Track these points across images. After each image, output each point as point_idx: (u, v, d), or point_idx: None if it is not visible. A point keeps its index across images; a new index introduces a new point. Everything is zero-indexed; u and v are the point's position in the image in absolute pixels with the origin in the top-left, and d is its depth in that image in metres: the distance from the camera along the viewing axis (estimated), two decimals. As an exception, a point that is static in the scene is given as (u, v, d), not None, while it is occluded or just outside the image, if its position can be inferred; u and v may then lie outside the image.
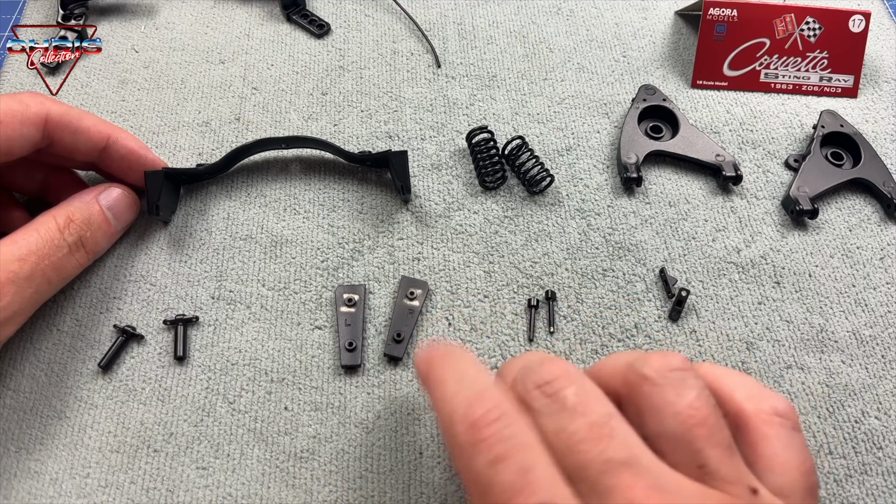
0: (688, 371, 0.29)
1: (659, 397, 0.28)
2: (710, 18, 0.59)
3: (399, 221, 0.51)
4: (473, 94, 0.58)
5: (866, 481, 0.42)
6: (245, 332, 0.46)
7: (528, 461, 0.26)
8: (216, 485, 0.41)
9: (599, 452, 0.26)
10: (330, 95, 0.58)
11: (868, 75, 0.61)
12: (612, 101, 0.58)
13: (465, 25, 0.63)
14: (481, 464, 0.26)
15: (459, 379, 0.30)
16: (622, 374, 0.30)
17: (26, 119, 0.41)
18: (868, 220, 0.52)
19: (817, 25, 0.59)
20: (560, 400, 0.28)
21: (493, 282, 0.49)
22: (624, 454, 0.26)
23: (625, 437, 0.27)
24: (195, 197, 0.52)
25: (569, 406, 0.28)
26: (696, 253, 0.50)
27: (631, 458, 0.26)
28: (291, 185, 0.53)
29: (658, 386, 0.28)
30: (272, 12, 0.64)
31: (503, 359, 0.45)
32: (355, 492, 0.41)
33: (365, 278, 0.48)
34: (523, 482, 0.25)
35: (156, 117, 0.56)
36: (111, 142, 0.46)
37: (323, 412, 0.43)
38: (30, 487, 0.41)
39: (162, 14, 0.63)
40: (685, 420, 0.27)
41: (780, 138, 0.57)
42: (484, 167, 0.53)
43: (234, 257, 0.49)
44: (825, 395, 0.45)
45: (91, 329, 0.46)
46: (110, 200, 0.46)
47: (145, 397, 0.44)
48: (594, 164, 0.55)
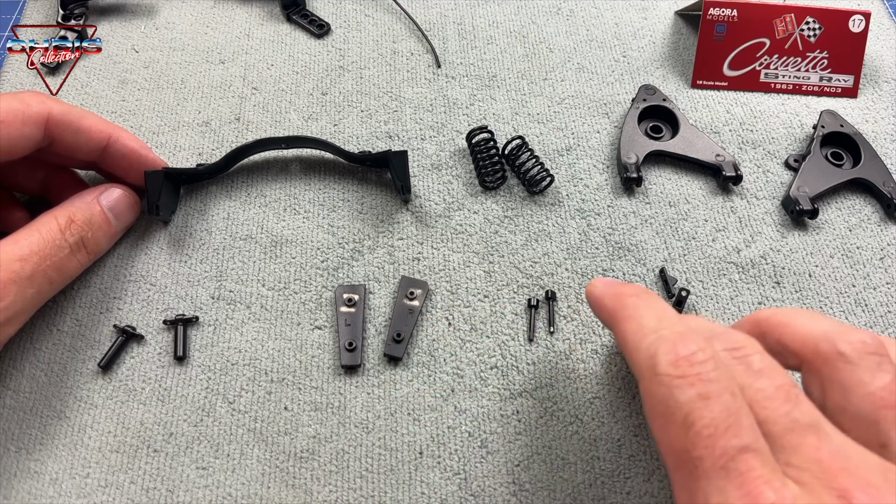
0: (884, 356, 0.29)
1: (851, 375, 0.28)
2: (710, 18, 0.59)
3: (399, 221, 0.51)
4: (473, 94, 0.58)
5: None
6: (245, 332, 0.46)
7: (734, 405, 0.26)
8: (216, 485, 0.41)
9: (786, 412, 0.26)
10: (330, 95, 0.58)
11: (868, 75, 0.61)
12: (612, 101, 0.58)
13: (465, 25, 0.63)
14: (687, 397, 0.26)
15: (660, 316, 0.31)
16: (813, 343, 0.30)
17: (28, 118, 0.41)
18: (868, 220, 0.52)
19: (817, 25, 0.59)
20: (747, 363, 0.29)
21: (493, 282, 0.49)
22: (810, 418, 0.26)
23: (809, 404, 0.27)
24: (195, 197, 0.52)
25: (755, 369, 0.28)
26: (696, 253, 0.50)
27: (816, 422, 0.26)
28: (291, 185, 0.53)
29: (853, 364, 0.29)
30: (272, 12, 0.64)
31: (503, 359, 0.45)
32: (355, 492, 0.41)
33: (365, 278, 0.48)
34: (730, 423, 0.25)
35: (156, 117, 0.56)
36: (112, 141, 0.46)
37: (323, 412, 0.43)
38: (30, 487, 0.41)
39: (162, 14, 0.63)
40: (875, 401, 0.27)
41: (780, 138, 0.57)
42: (484, 167, 0.53)
43: (234, 257, 0.49)
44: (825, 395, 0.45)
45: (91, 329, 0.46)
46: (111, 201, 0.46)
47: (145, 397, 0.44)
48: (594, 164, 0.55)
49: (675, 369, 0.27)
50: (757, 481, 0.24)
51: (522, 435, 0.43)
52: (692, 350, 0.28)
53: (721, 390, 0.26)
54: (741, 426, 0.25)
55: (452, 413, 0.44)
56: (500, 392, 0.44)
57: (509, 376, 0.45)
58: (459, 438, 0.43)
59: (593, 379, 0.45)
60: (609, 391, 0.44)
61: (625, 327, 0.32)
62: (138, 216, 0.50)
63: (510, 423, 0.43)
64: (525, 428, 0.43)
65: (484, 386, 0.45)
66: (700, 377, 0.27)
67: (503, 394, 0.44)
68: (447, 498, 0.41)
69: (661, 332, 0.29)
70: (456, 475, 0.42)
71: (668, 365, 0.28)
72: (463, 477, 0.41)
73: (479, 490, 0.41)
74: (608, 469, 0.42)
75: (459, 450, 0.42)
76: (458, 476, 0.41)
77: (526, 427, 0.43)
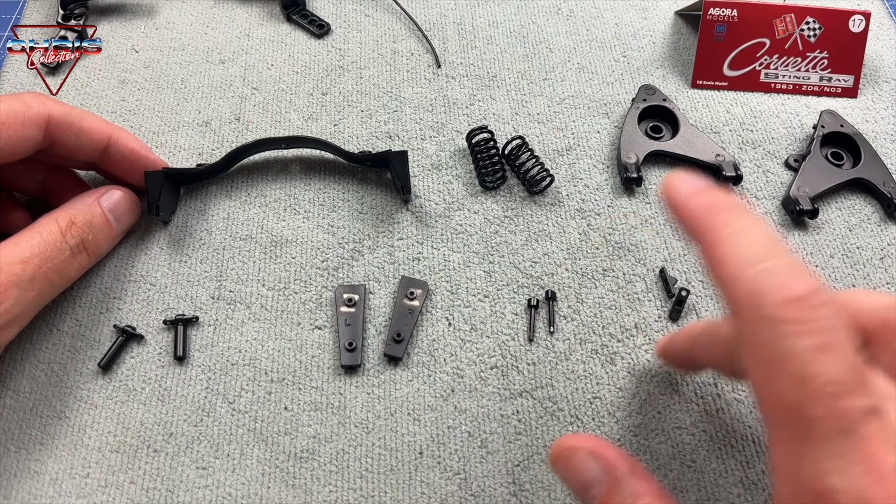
0: None
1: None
2: (710, 18, 0.59)
3: (399, 221, 0.51)
4: (473, 94, 0.58)
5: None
6: (245, 332, 0.46)
7: (856, 361, 0.23)
8: (216, 485, 0.41)
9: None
10: (330, 95, 0.58)
11: (868, 75, 0.61)
12: (612, 101, 0.58)
13: (465, 25, 0.63)
14: (804, 347, 0.23)
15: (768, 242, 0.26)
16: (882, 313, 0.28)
17: (28, 120, 0.41)
18: (868, 220, 0.52)
19: (817, 25, 0.59)
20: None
21: (493, 282, 0.49)
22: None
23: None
24: (195, 197, 0.52)
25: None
26: (697, 253, 0.50)
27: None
28: (291, 185, 0.53)
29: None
30: (272, 12, 0.64)
31: (503, 359, 0.45)
32: (355, 492, 0.41)
33: (365, 278, 0.48)
34: (856, 381, 0.23)
35: (156, 117, 0.56)
36: (112, 142, 0.46)
37: (323, 412, 0.43)
38: (30, 487, 0.41)
39: (162, 14, 0.63)
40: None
41: (780, 138, 0.57)
42: (484, 167, 0.53)
43: (234, 257, 0.49)
44: (825, 395, 0.45)
45: (91, 329, 0.46)
46: (112, 203, 0.46)
47: (145, 397, 0.44)
48: (594, 164, 0.55)
49: (788, 311, 0.23)
50: (881, 447, 0.22)
51: (522, 435, 0.43)
52: (808, 289, 0.24)
53: (843, 342, 0.23)
54: (866, 385, 0.23)
55: (452, 413, 0.44)
56: (500, 392, 0.44)
57: (509, 376, 0.45)
58: (459, 438, 0.43)
59: (593, 379, 0.45)
60: (609, 391, 0.44)
61: (721, 250, 0.27)
62: (139, 218, 0.50)
63: (510, 423, 0.43)
64: (525, 428, 0.43)
65: (484, 386, 0.45)
66: (819, 324, 0.23)
67: (503, 394, 0.44)
68: (447, 498, 0.41)
69: (768, 261, 0.25)
70: (456, 475, 0.42)
71: (779, 305, 0.24)
72: (463, 477, 0.41)
73: (479, 490, 0.41)
74: (608, 469, 0.42)
75: (459, 450, 0.42)
76: (458, 476, 0.42)
77: (526, 427, 0.43)
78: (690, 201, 0.29)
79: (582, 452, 0.32)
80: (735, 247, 0.26)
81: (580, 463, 0.32)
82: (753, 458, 0.42)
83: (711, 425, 0.43)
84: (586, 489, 0.31)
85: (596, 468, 0.31)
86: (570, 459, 0.32)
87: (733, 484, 0.41)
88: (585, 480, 0.31)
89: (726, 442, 0.43)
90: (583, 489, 0.31)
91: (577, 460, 0.32)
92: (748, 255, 0.26)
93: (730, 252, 0.26)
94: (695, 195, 0.29)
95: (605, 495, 0.30)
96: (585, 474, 0.31)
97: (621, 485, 0.30)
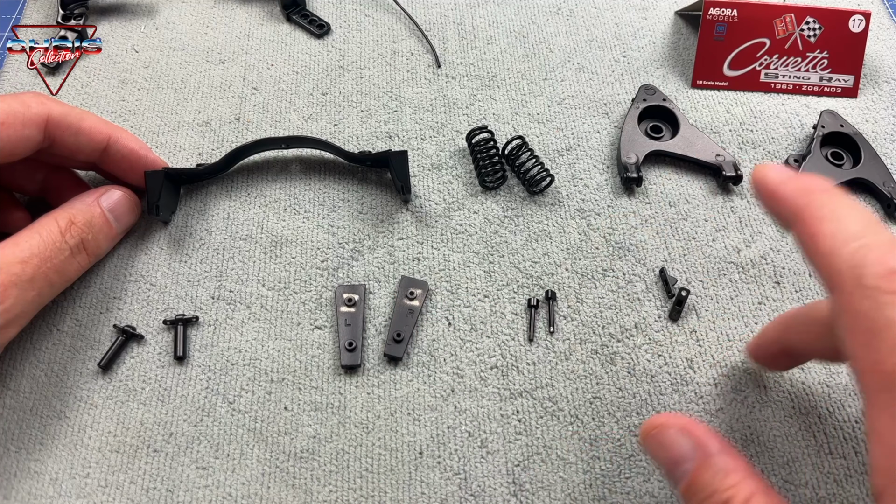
0: None
1: None
2: (710, 18, 0.59)
3: (399, 221, 0.51)
4: (473, 94, 0.58)
5: (866, 481, 0.42)
6: (245, 332, 0.46)
7: None
8: (216, 485, 0.41)
9: None
10: (330, 95, 0.58)
11: (868, 75, 0.61)
12: (612, 101, 0.58)
13: (465, 25, 0.63)
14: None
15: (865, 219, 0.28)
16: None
17: (28, 120, 0.41)
18: (868, 220, 0.52)
19: (817, 25, 0.59)
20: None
21: (493, 282, 0.49)
22: None
23: None
24: (195, 197, 0.52)
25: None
26: (696, 253, 0.50)
27: None
28: (291, 185, 0.53)
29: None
30: (272, 12, 0.64)
31: (503, 359, 0.45)
32: (355, 492, 0.41)
33: (365, 278, 0.48)
34: None
35: (156, 117, 0.56)
36: (112, 142, 0.46)
37: (323, 412, 0.43)
38: (30, 487, 0.41)
39: (162, 14, 0.63)
40: None
41: (780, 138, 0.57)
42: (484, 167, 0.53)
43: (234, 257, 0.49)
44: (825, 395, 0.45)
45: (91, 329, 0.46)
46: (112, 203, 0.46)
47: (145, 397, 0.44)
48: (594, 164, 0.55)
49: (888, 283, 0.25)
50: None
51: (522, 435, 0.43)
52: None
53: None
54: None
55: (452, 413, 0.44)
56: (500, 392, 0.44)
57: (509, 376, 0.45)
58: (459, 438, 0.43)
59: (593, 379, 0.45)
60: (609, 391, 0.44)
61: (818, 228, 0.28)
62: (139, 218, 0.50)
63: (510, 423, 0.43)
64: (525, 428, 0.43)
65: (484, 386, 0.45)
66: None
67: (503, 394, 0.44)
68: (447, 498, 0.41)
69: (867, 237, 0.26)
70: (456, 475, 0.42)
71: (879, 277, 0.25)
72: (463, 477, 0.41)
73: (479, 490, 0.41)
74: (608, 469, 0.42)
75: (459, 450, 0.42)
76: (458, 476, 0.42)
77: (526, 427, 0.43)
78: (787, 185, 0.31)
79: (672, 429, 0.32)
80: (835, 224, 0.28)
81: (671, 439, 0.32)
82: (754, 458, 0.42)
83: (712, 425, 0.43)
84: (676, 465, 0.32)
85: (686, 444, 0.32)
86: (660, 436, 0.33)
87: (733, 484, 0.41)
88: (675, 456, 0.32)
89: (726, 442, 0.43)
90: (673, 465, 0.32)
91: (667, 437, 0.32)
92: (848, 231, 0.27)
93: (829, 229, 0.28)
94: (790, 180, 0.31)
95: (695, 471, 0.31)
96: (676, 450, 0.32)
97: (711, 461, 0.31)
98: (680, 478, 0.31)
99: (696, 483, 0.31)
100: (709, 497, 0.30)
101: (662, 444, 0.33)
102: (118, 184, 0.49)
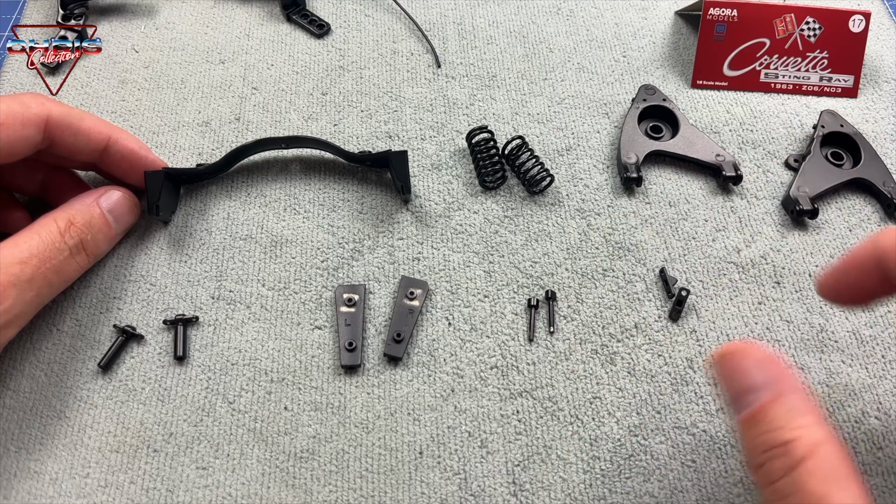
0: None
1: None
2: (710, 18, 0.59)
3: (399, 221, 0.51)
4: (473, 94, 0.58)
5: (866, 481, 0.42)
6: (245, 332, 0.46)
7: None
8: (216, 485, 0.41)
9: None
10: (330, 95, 0.58)
11: (868, 75, 0.61)
12: (612, 101, 0.58)
13: (465, 25, 0.63)
14: None
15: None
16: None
17: (27, 120, 0.41)
18: (868, 220, 0.52)
19: (817, 25, 0.59)
20: None
21: (493, 282, 0.49)
22: None
23: None
24: (195, 197, 0.52)
25: None
26: (696, 253, 0.50)
27: None
28: (291, 185, 0.53)
29: None
30: (272, 12, 0.64)
31: (503, 359, 0.45)
32: (355, 492, 0.41)
33: (365, 278, 0.48)
34: None
35: (156, 117, 0.56)
36: (112, 142, 0.46)
37: (323, 412, 0.43)
38: (30, 487, 0.41)
39: (162, 14, 0.63)
40: None
41: (780, 138, 0.57)
42: (484, 167, 0.53)
43: (234, 257, 0.49)
44: (825, 395, 0.45)
45: (91, 329, 0.46)
46: (111, 203, 0.46)
47: (145, 397, 0.44)
48: (594, 164, 0.55)
49: None
50: None
51: (522, 435, 0.43)
52: None
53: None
54: None
55: (452, 413, 0.44)
56: (500, 392, 0.44)
57: (509, 376, 0.45)
58: (459, 438, 0.43)
59: (593, 379, 0.45)
60: (609, 391, 0.44)
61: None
62: (138, 218, 0.50)
63: (510, 423, 0.43)
64: (525, 428, 0.43)
65: (484, 386, 0.45)
66: None
67: (503, 394, 0.44)
68: (447, 498, 0.41)
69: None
70: (456, 475, 0.42)
71: None
72: (463, 477, 0.41)
73: (479, 490, 0.41)
74: (608, 469, 0.42)
75: (459, 450, 0.42)
76: (458, 476, 0.42)
77: (526, 427, 0.43)
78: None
79: (752, 359, 0.31)
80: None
81: (748, 366, 0.31)
82: (753, 458, 0.42)
83: (711, 425, 0.43)
84: (745, 394, 0.31)
85: (762, 377, 0.31)
86: (737, 361, 0.32)
87: (733, 484, 0.41)
88: (747, 385, 0.31)
89: (726, 442, 0.43)
90: (741, 393, 0.31)
91: (745, 364, 0.31)
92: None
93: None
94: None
95: (765, 403, 0.30)
96: (749, 379, 0.31)
97: (787, 398, 0.30)
98: (743, 407, 0.31)
99: (762, 414, 0.30)
100: (773, 431, 0.29)
101: (737, 370, 0.32)
102: (118, 184, 0.49)
